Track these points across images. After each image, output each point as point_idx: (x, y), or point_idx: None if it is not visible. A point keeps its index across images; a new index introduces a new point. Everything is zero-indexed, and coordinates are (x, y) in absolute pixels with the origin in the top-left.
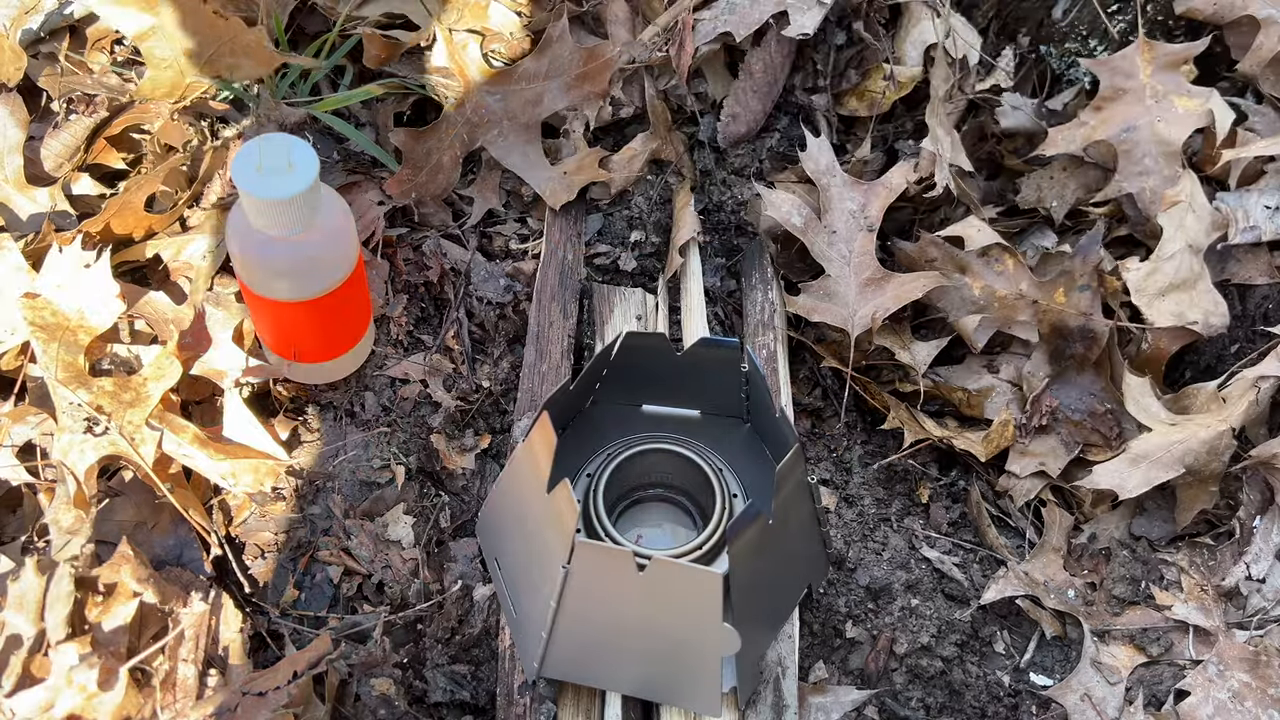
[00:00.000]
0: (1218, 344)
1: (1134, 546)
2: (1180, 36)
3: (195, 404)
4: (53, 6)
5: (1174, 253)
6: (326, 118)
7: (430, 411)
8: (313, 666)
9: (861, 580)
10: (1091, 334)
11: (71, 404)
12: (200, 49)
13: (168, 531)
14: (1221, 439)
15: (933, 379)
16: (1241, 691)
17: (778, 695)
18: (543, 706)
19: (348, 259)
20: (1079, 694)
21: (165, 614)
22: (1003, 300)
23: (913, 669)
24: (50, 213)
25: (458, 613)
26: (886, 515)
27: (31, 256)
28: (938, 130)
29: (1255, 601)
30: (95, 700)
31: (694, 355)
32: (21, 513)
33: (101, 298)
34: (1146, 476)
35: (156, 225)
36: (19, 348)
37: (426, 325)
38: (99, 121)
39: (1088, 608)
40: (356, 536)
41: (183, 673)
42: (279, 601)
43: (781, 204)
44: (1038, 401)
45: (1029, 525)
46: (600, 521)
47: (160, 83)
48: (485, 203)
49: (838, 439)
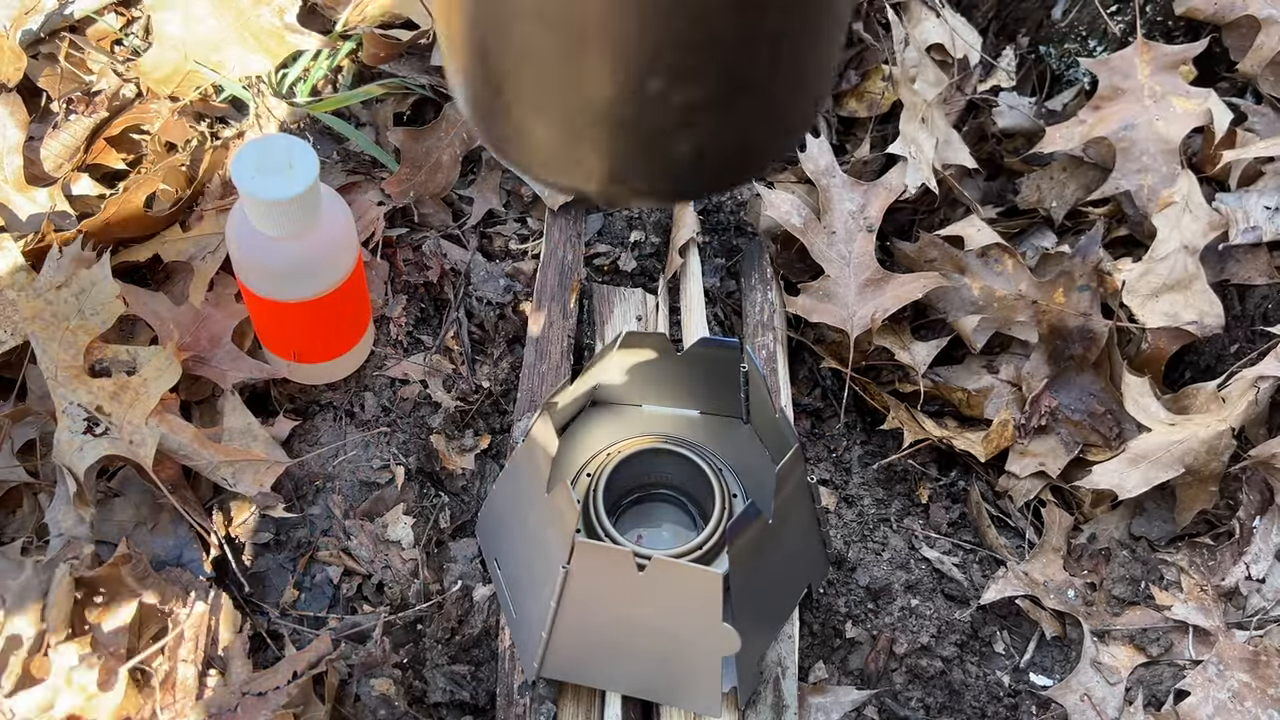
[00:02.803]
0: (1217, 344)
1: (1134, 546)
2: (1180, 37)
3: (195, 404)
4: (53, 7)
5: (1168, 253)
6: (326, 118)
7: (430, 412)
8: (312, 667)
9: (861, 580)
10: (1091, 334)
11: (71, 404)
12: (212, 31)
13: (167, 532)
14: (1221, 439)
15: (932, 379)
16: (1241, 691)
17: (778, 695)
18: (542, 707)
19: (347, 259)
20: (1079, 694)
21: (165, 614)
22: (1002, 300)
23: (912, 669)
24: (50, 213)
25: (457, 613)
26: (886, 515)
27: (31, 256)
28: (918, 135)
29: (1255, 601)
30: (95, 700)
31: (694, 355)
32: (21, 513)
33: (101, 298)
34: (1146, 476)
35: (156, 225)
36: (19, 348)
37: (426, 325)
38: (99, 121)
39: (1087, 608)
40: (356, 537)
41: (182, 673)
42: (279, 602)
43: (781, 204)
44: (1037, 402)
45: (1029, 525)
46: (600, 522)
47: (163, 63)
48: (485, 203)
49: (837, 439)
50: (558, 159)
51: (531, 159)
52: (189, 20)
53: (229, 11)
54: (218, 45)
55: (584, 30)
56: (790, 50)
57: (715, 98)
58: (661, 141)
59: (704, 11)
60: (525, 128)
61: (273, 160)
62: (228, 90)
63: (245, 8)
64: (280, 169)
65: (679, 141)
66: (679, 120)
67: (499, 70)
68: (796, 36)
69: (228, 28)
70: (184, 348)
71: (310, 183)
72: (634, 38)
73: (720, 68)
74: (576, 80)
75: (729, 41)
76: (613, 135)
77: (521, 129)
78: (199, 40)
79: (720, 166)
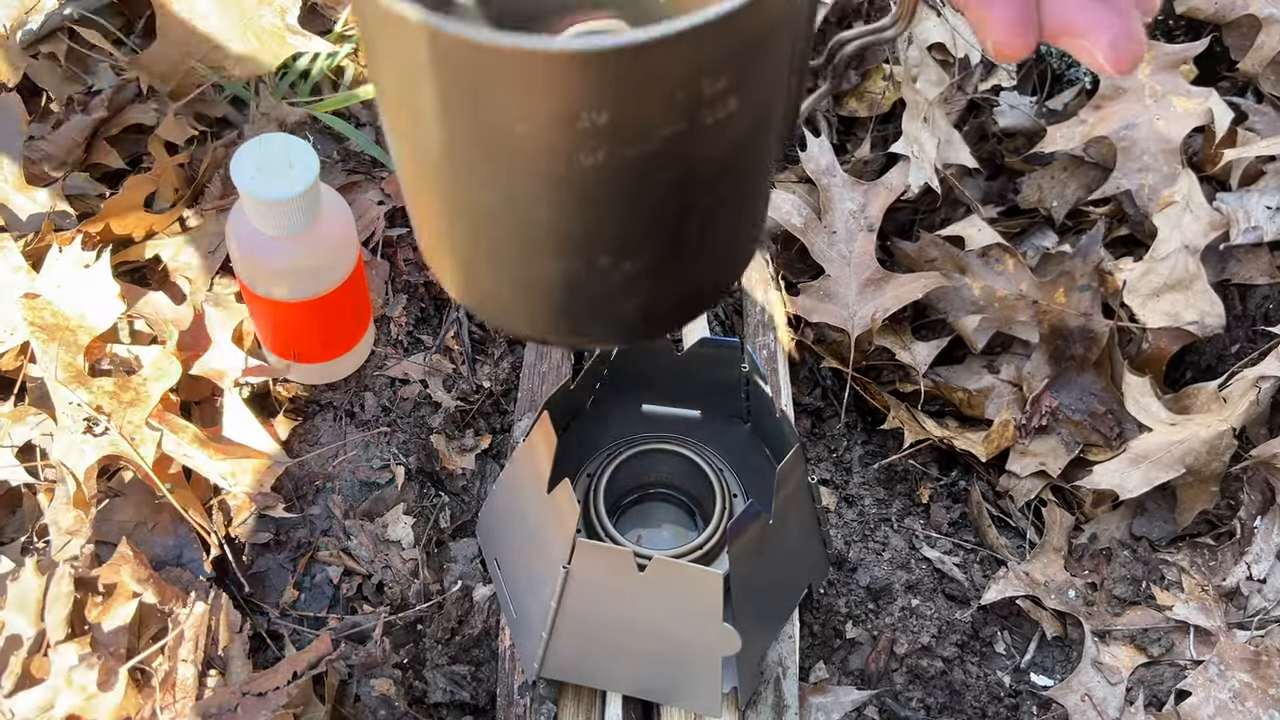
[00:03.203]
0: (1218, 344)
1: (1135, 547)
2: (1180, 36)
3: (195, 404)
4: (53, 6)
5: (1169, 253)
6: (326, 118)
7: (430, 412)
8: (312, 667)
9: (862, 580)
10: (1092, 334)
11: (71, 404)
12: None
13: (167, 532)
14: (1222, 439)
15: (933, 379)
16: (1242, 692)
17: (778, 695)
18: (543, 707)
19: (348, 259)
20: (1080, 694)
21: (165, 614)
22: (1003, 300)
23: (913, 669)
24: (50, 213)
25: (458, 613)
26: (887, 515)
27: (31, 256)
28: (920, 134)
29: (1256, 602)
30: (95, 701)
31: (694, 355)
32: (21, 513)
33: (101, 298)
34: (1147, 476)
35: (156, 225)
36: (19, 348)
37: (426, 325)
38: (98, 121)
39: (1088, 608)
40: (356, 537)
41: (182, 673)
42: (279, 602)
43: (781, 204)
44: (1038, 402)
45: (1029, 525)
46: (600, 521)
47: (163, 58)
48: None
49: (838, 439)
50: (523, 320)
51: (500, 319)
52: (193, 17)
53: (231, 11)
54: (218, 45)
55: (537, 230)
56: (723, 218)
57: (656, 267)
58: (612, 304)
59: (639, 209)
60: (492, 296)
61: (273, 160)
62: (228, 90)
63: (248, 8)
64: (280, 168)
65: (627, 303)
66: (626, 287)
67: (470, 259)
68: (727, 207)
69: (229, 27)
70: (184, 347)
71: (310, 182)
72: (579, 232)
73: (657, 244)
74: (534, 263)
75: (665, 224)
76: (568, 303)
77: (489, 297)
78: (201, 38)
79: (666, 316)
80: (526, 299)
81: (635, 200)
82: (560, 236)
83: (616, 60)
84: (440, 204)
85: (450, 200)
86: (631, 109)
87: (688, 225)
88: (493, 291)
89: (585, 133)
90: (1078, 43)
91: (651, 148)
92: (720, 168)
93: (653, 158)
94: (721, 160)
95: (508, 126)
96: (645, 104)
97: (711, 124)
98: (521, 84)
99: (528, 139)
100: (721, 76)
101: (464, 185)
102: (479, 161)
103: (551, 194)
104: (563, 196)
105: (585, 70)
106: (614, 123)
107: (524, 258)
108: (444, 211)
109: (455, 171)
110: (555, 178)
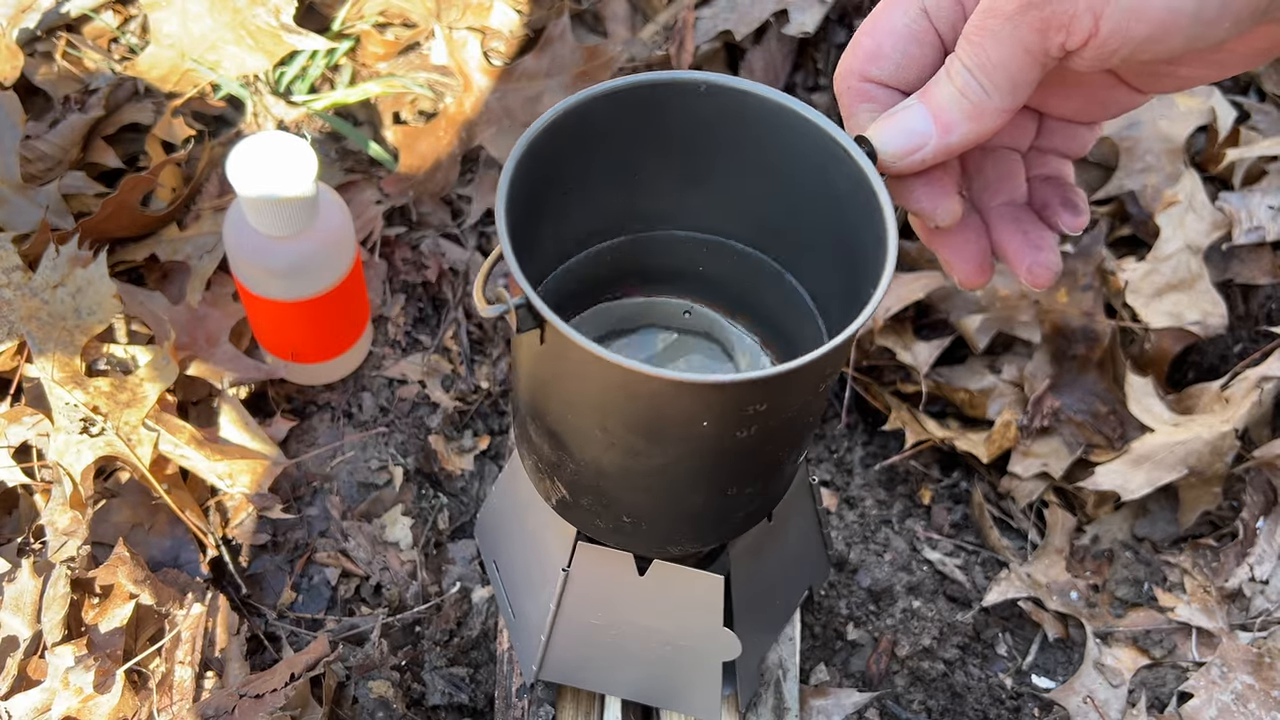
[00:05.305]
0: (1221, 344)
1: (1137, 548)
2: None
3: (192, 404)
4: (49, 5)
5: (1172, 253)
6: (324, 116)
7: (428, 412)
8: (310, 669)
9: (863, 582)
10: (1094, 334)
11: (68, 404)
12: (209, 30)
13: (164, 533)
14: (1225, 440)
15: (935, 380)
16: (1245, 693)
17: (778, 698)
18: (541, 709)
19: (345, 259)
20: (1081, 696)
21: (162, 616)
22: (1005, 300)
23: (914, 671)
24: (47, 212)
25: (456, 615)
26: (888, 517)
27: (28, 256)
28: None
29: (1259, 603)
30: (91, 702)
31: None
32: (17, 514)
33: (98, 298)
34: (1149, 477)
35: (153, 224)
36: (15, 347)
37: (424, 325)
38: (95, 120)
39: (1090, 609)
40: (354, 538)
41: (179, 675)
42: (276, 603)
43: None
44: (1040, 402)
45: (1031, 527)
46: None
47: (159, 61)
48: (484, 202)
49: (839, 440)
50: (640, 542)
51: (608, 540)
52: (186, 18)
53: (226, 10)
54: (215, 44)
55: (690, 478)
56: (801, 450)
57: (753, 494)
58: (730, 517)
59: (761, 458)
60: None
61: (270, 159)
62: (225, 89)
63: (242, 6)
64: (278, 168)
65: (737, 514)
66: (744, 504)
67: (591, 505)
68: (805, 442)
69: (225, 26)
70: (181, 347)
71: (308, 182)
72: (722, 477)
73: (757, 481)
74: (683, 500)
75: (775, 463)
76: (698, 520)
77: (590, 525)
78: (196, 39)
79: (746, 520)
80: (668, 521)
81: (759, 453)
82: (706, 480)
83: (775, 379)
84: (621, 476)
85: (634, 464)
86: (778, 400)
87: (786, 461)
88: (590, 522)
89: (748, 417)
90: (1010, 267)
91: (778, 422)
92: (807, 425)
93: (783, 425)
94: (811, 422)
95: (698, 421)
96: (788, 396)
97: (813, 398)
98: (718, 398)
99: (709, 427)
100: (827, 377)
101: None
102: (670, 444)
103: (712, 458)
104: (719, 458)
105: (754, 386)
106: (769, 409)
107: (674, 497)
108: (624, 473)
109: (650, 448)
110: (721, 450)
